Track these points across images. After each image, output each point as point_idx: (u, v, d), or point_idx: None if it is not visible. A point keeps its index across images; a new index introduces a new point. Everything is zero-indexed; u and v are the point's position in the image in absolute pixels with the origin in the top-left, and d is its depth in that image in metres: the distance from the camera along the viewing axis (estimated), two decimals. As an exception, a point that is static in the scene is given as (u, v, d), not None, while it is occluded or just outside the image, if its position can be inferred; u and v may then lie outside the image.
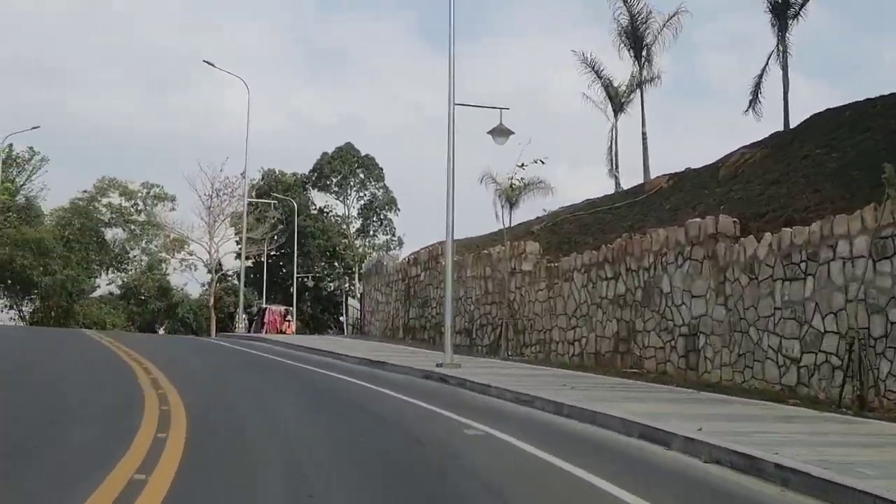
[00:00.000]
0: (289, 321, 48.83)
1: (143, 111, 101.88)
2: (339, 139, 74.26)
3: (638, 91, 35.51)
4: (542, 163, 21.34)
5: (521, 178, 22.50)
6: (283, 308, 50.55)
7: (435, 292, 29.79)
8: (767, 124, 58.11)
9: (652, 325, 19.13)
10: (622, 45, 33.71)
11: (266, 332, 45.87)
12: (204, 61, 42.92)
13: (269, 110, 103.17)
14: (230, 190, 65.92)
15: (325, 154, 72.91)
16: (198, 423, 9.41)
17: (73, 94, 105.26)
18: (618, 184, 36.53)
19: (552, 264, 23.41)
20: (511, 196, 54.03)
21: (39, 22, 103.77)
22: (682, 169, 27.40)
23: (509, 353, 23.60)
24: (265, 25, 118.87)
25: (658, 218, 22.99)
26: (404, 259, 34.82)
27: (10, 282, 61.92)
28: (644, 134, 33.25)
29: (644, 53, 33.50)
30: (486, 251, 27.07)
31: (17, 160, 66.16)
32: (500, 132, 18.71)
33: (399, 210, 74.06)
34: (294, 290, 60.98)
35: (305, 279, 73.09)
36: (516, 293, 24.69)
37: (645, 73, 33.92)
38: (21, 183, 66.95)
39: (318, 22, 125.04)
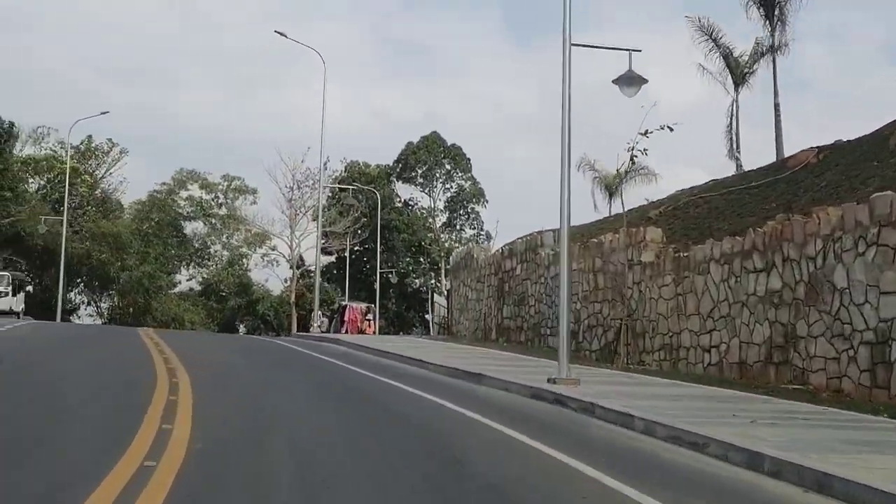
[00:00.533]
0: (370, 320, 45.67)
1: (228, 110, 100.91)
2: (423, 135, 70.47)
3: (763, 58, 31.16)
4: (671, 129, 17.32)
5: (641, 151, 18.35)
6: (364, 305, 47.41)
7: (533, 288, 26.03)
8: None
9: (820, 330, 15.01)
10: (751, 2, 29.32)
11: (346, 332, 42.81)
12: (275, 31, 40.14)
13: (353, 108, 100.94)
14: (311, 182, 63.39)
15: (409, 144, 69.72)
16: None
17: (158, 93, 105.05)
18: (739, 165, 32.17)
19: (680, 254, 19.35)
20: (612, 184, 49.88)
21: (128, 23, 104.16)
22: (832, 141, 22.99)
23: (628, 362, 19.64)
24: (352, 24, 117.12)
25: (813, 197, 18.75)
26: (497, 251, 31.12)
27: (86, 277, 60.55)
28: (777, 105, 28.89)
29: (776, 13, 29.02)
30: (594, 240, 23.16)
31: (96, 152, 64.86)
32: (630, 81, 14.62)
33: (487, 202, 70.37)
34: (377, 286, 57.72)
35: (389, 275, 69.94)
36: (634, 289, 20.74)
37: (777, 36, 29.41)
38: (100, 175, 65.68)
39: (402, 19, 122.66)
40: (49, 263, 57.23)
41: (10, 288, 40.29)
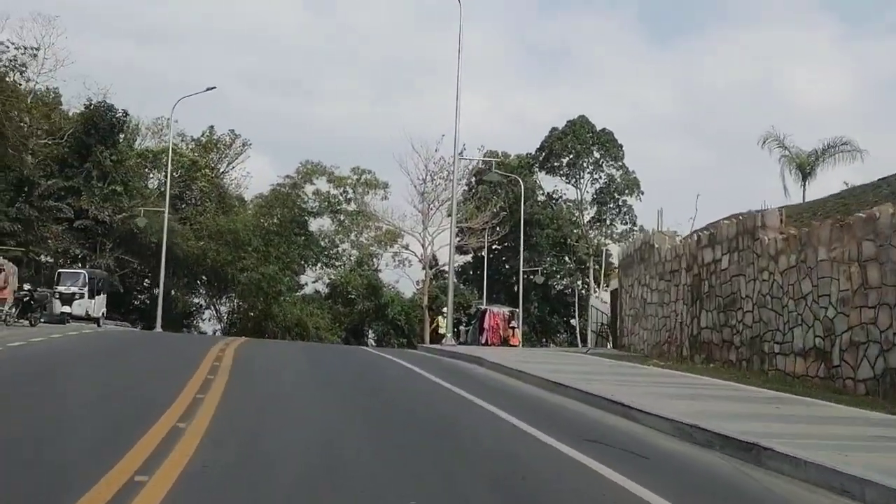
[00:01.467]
0: (514, 328, 38.91)
1: (366, 118, 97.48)
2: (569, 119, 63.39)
3: None
4: None
5: None
6: (506, 310, 40.71)
7: (749, 287, 18.69)
8: None
9: None
10: None
11: (486, 341, 36.25)
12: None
13: (490, 113, 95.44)
14: (446, 173, 57.32)
15: (554, 130, 62.78)
16: None
17: (299, 102, 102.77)
18: None
19: None
20: (805, 163, 41.40)
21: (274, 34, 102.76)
22: None
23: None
24: (487, 27, 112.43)
25: None
26: (688, 238, 23.82)
27: (204, 278, 56.43)
28: None
29: None
30: (860, 214, 15.65)
31: (218, 144, 60.88)
32: None
33: (642, 193, 62.53)
34: (520, 288, 51.06)
35: (532, 276, 63.12)
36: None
37: None
38: (222, 170, 61.68)
39: (539, 21, 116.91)
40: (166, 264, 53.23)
41: (85, 289, 35.60)
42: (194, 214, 55.10)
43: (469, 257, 69.31)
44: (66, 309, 33.31)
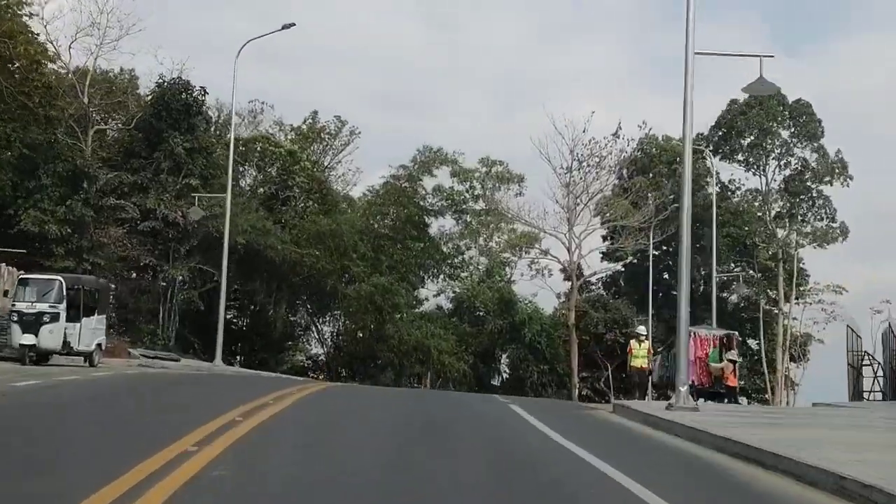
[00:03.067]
0: (733, 361, 27.53)
1: (484, 132, 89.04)
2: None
3: None
4: None
5: None
6: (719, 333, 29.31)
7: None
8: None
9: None
10: None
11: (693, 381, 25.11)
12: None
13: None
14: (597, 159, 46.43)
15: (733, 103, 50.69)
16: None
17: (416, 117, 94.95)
18: None
19: None
20: None
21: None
22: None
23: None
24: (611, 40, 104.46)
25: None
26: None
27: (309, 294, 47.13)
28: None
29: None
30: None
31: (321, 133, 51.74)
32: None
33: (850, 179, 49.76)
34: (713, 301, 39.70)
35: (703, 283, 51.44)
36: None
37: None
38: (327, 163, 52.48)
39: (662, 32, 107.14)
40: (254, 271, 44.24)
41: (61, 306, 22.59)
42: (293, 217, 45.84)
43: (618, 265, 57.93)
44: (28, 339, 21.89)
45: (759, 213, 52.10)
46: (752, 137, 50.07)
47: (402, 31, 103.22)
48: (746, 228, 50.83)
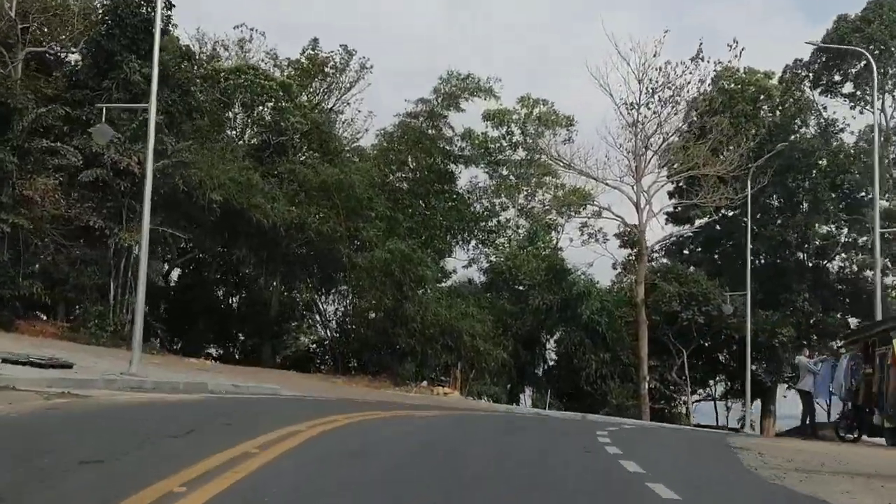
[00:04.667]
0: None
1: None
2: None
3: None
4: None
5: None
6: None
7: None
8: None
9: None
10: None
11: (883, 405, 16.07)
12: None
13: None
14: (674, 88, 37.21)
15: (842, 19, 40.91)
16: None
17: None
18: None
19: None
20: None
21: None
22: None
23: None
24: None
25: None
26: None
27: (310, 265, 38.20)
28: None
29: None
30: None
31: (324, 67, 42.60)
32: None
33: None
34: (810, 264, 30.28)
35: (796, 250, 42.37)
36: None
37: None
38: (332, 106, 43.35)
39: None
40: (238, 237, 35.45)
41: None
42: (289, 170, 36.78)
43: (686, 228, 48.55)
44: None
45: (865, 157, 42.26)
46: (863, 62, 40.27)
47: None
48: (856, 182, 41.16)
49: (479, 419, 19.75)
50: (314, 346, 44.21)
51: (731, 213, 45.76)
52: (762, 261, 45.19)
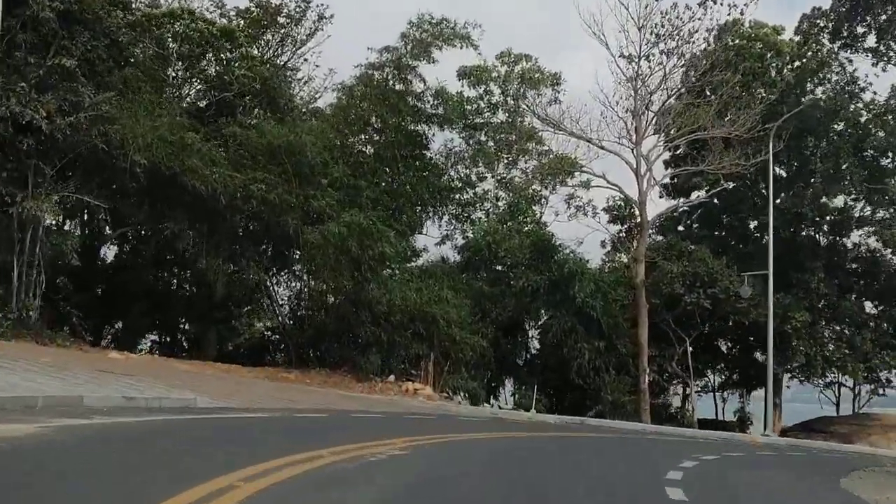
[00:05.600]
0: None
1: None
2: None
3: None
4: None
5: None
6: None
7: None
8: None
9: None
10: None
11: None
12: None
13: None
14: (680, 38, 32.68)
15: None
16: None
17: None
18: None
19: None
20: None
21: None
22: None
23: None
24: None
25: None
26: None
27: (259, 241, 33.26)
28: None
29: None
30: None
31: (276, 17, 37.48)
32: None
33: None
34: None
35: (818, 225, 38.35)
36: None
37: None
38: (286, 59, 38.28)
39: None
40: (173, 207, 30.43)
41: None
42: (234, 133, 31.65)
43: (687, 201, 43.95)
44: None
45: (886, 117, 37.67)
46: (890, 11, 35.76)
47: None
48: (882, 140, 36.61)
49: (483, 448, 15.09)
50: (270, 333, 39.36)
51: (731, 186, 41.20)
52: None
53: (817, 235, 40.53)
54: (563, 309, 34.60)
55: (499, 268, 37.99)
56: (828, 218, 39.48)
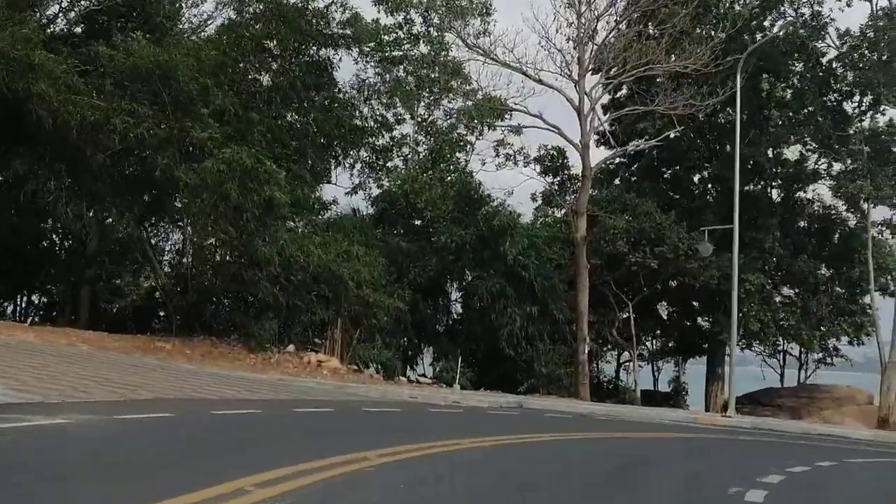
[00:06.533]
0: None
1: None
2: None
3: None
4: None
5: None
6: None
7: None
8: None
9: None
10: None
11: None
12: None
13: None
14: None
15: None
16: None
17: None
18: None
19: None
20: None
21: None
22: None
23: None
24: None
25: None
26: None
27: (130, 184, 27.70)
28: None
29: None
30: None
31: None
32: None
33: None
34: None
35: (772, 179, 34.79)
36: None
37: None
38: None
39: None
40: (20, 141, 24.82)
41: None
42: (95, 51, 25.78)
43: (635, 145, 39.53)
44: None
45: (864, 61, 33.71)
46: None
47: None
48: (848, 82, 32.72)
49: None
50: (157, 293, 34.02)
51: (674, 136, 37.07)
52: (718, 189, 36.88)
53: (769, 189, 36.76)
54: (491, 268, 30.09)
55: (418, 222, 33.31)
56: (783, 170, 35.69)
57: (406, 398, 20.23)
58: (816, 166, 36.57)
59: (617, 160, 39.73)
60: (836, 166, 35.77)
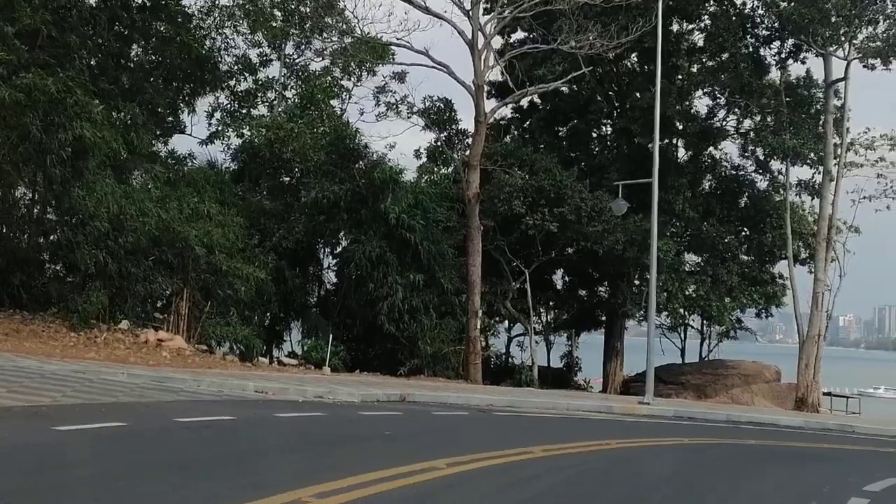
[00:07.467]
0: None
1: None
2: None
3: None
4: None
5: None
6: None
7: None
8: None
9: None
10: None
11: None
12: None
13: None
14: None
15: None
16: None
17: None
18: None
19: None
20: None
21: None
22: None
23: None
24: None
25: None
26: None
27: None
28: None
29: None
30: None
31: None
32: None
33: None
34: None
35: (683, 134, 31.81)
36: None
37: None
38: None
39: None
40: None
41: None
42: None
43: (533, 96, 35.65)
44: None
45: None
46: None
47: None
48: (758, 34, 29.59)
49: None
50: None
51: (566, 90, 33.48)
52: (621, 146, 33.51)
53: (676, 146, 33.65)
54: (369, 231, 25.86)
55: (287, 178, 28.80)
56: (692, 125, 32.53)
57: (251, 392, 15.75)
58: (724, 123, 33.66)
59: (510, 115, 35.96)
60: (747, 122, 32.93)
